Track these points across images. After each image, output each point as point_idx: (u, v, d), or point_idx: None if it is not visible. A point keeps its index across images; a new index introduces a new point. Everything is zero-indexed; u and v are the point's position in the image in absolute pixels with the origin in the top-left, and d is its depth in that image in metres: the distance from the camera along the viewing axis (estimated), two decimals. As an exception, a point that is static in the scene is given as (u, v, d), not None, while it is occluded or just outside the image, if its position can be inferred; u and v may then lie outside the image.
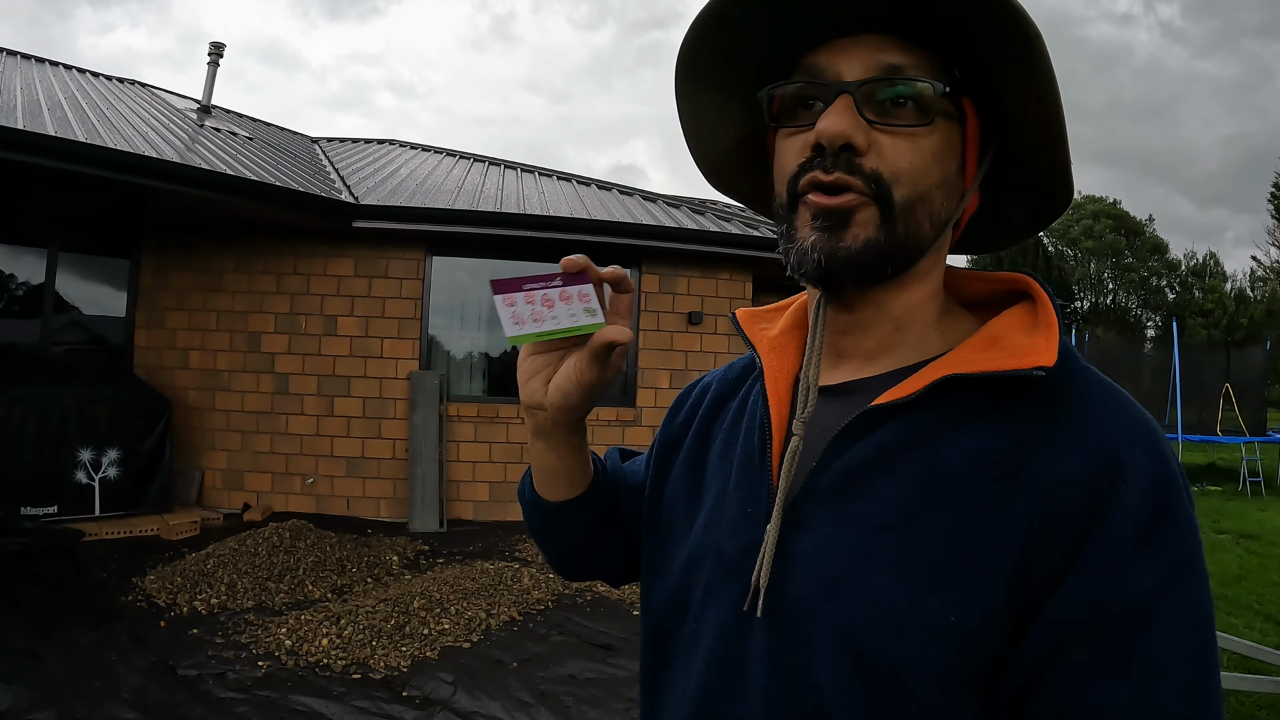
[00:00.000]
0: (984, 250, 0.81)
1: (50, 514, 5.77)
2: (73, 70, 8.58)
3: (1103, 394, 0.62)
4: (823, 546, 0.64)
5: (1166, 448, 0.60)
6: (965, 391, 0.63)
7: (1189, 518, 0.58)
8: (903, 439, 0.64)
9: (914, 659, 0.58)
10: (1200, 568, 0.57)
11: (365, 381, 7.45)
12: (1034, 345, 0.63)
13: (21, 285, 6.99)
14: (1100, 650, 0.55)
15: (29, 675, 3.69)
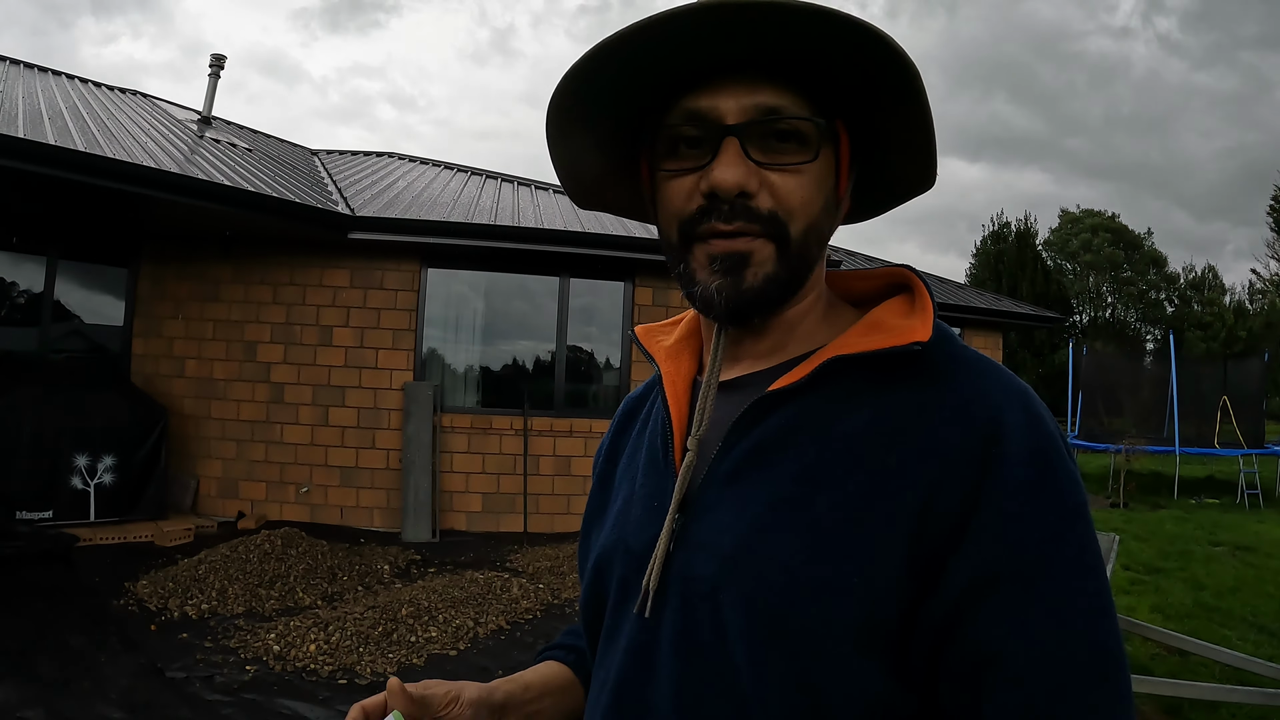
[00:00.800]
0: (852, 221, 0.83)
1: (45, 519, 5.83)
2: (75, 80, 8.69)
3: (977, 365, 0.68)
4: (726, 525, 0.68)
5: (1041, 409, 0.65)
6: (852, 372, 0.68)
7: (1070, 470, 0.63)
8: (797, 420, 0.68)
9: (821, 621, 0.62)
10: (1085, 514, 0.62)
11: (360, 392, 7.51)
12: (910, 326, 0.68)
13: (21, 292, 7.07)
14: (1004, 598, 0.59)
15: (20, 675, 3.74)
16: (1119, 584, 6.25)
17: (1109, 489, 11.53)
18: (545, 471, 7.62)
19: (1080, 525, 0.62)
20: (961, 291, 12.47)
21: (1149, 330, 37.08)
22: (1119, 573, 6.53)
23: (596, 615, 0.80)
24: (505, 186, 9.81)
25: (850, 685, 0.61)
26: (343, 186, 8.44)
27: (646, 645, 0.70)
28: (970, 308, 11.22)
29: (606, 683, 0.74)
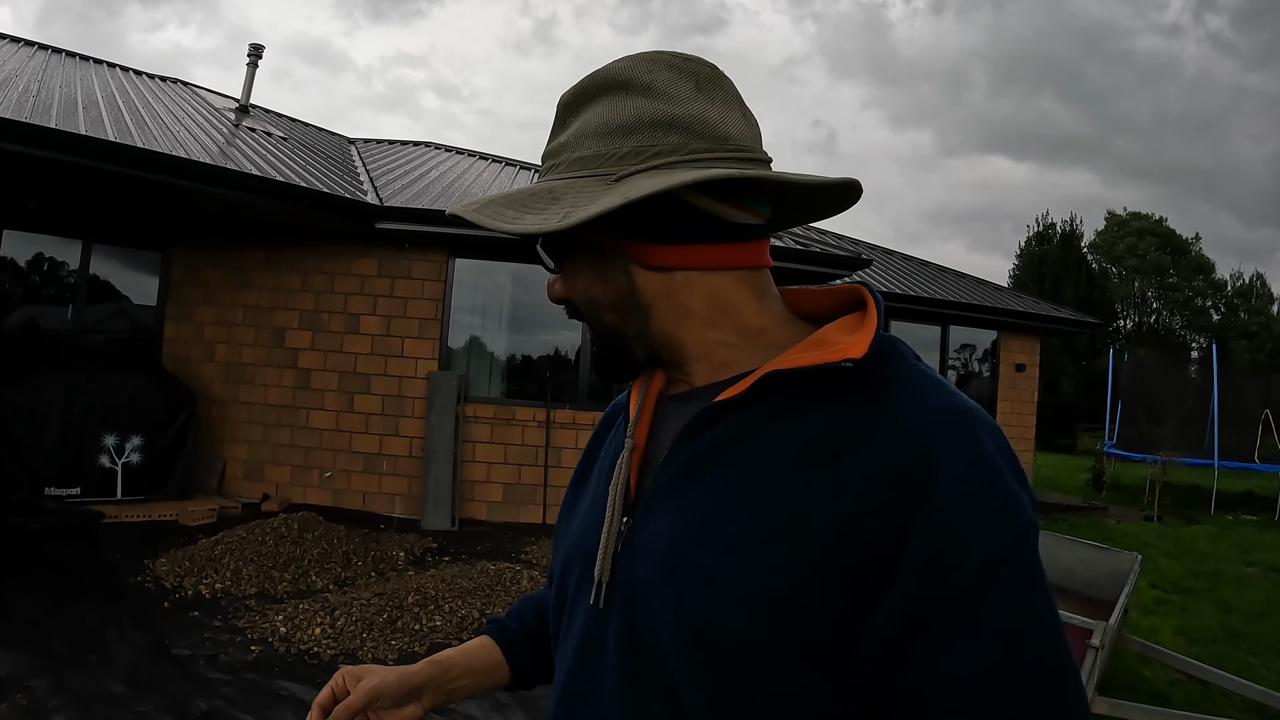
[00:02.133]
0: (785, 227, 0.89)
1: (73, 495, 6.01)
2: (116, 69, 8.91)
3: (919, 384, 0.68)
4: (664, 532, 0.71)
5: (979, 429, 0.65)
6: (792, 387, 0.69)
7: (1008, 490, 0.63)
8: (737, 431, 0.70)
9: (745, 631, 0.64)
10: (1027, 536, 0.63)
11: (385, 380, 7.61)
12: (849, 343, 0.69)
13: (56, 274, 7.31)
14: (944, 626, 0.60)
15: (31, 646, 3.86)
16: (1144, 603, 6.08)
17: (1144, 501, 11.23)
18: (567, 464, 7.64)
19: (1023, 547, 0.62)
20: (999, 294, 12.20)
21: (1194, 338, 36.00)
22: (1144, 591, 6.34)
23: (560, 609, 0.84)
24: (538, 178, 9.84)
25: (780, 695, 0.63)
26: (375, 176, 8.54)
27: (595, 643, 0.75)
28: (1007, 310, 10.99)
29: (559, 678, 0.80)
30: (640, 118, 0.72)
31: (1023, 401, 11.43)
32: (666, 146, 0.71)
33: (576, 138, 0.74)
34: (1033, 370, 11.58)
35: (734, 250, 0.75)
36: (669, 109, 0.71)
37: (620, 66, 0.74)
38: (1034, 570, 0.62)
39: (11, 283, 7.15)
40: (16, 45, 8.61)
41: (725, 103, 0.74)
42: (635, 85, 0.73)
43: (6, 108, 5.45)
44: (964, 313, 10.68)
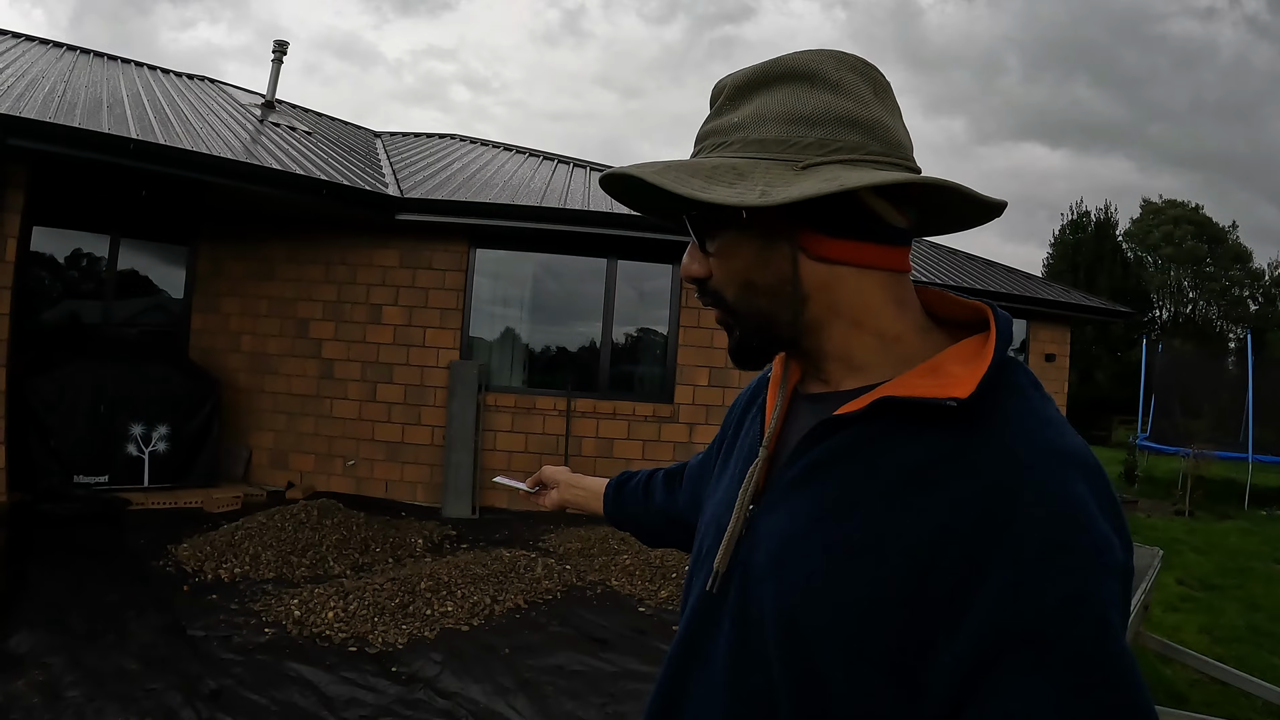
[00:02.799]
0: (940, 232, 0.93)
1: (101, 483, 6.18)
2: (144, 68, 9.10)
3: (1020, 420, 0.70)
4: (778, 527, 0.77)
5: (1073, 471, 0.67)
6: (902, 410, 0.72)
7: (1095, 534, 0.64)
8: (848, 445, 0.74)
9: (824, 628, 0.69)
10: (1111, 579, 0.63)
11: (407, 369, 7.70)
12: (960, 376, 0.71)
13: (85, 268, 7.51)
14: (1015, 663, 0.60)
15: (52, 626, 4.00)
16: (1169, 600, 5.95)
17: (1175, 495, 10.98)
18: (588, 453, 7.69)
19: (1103, 591, 0.62)
20: (1029, 282, 11.97)
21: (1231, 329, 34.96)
22: (1170, 587, 6.21)
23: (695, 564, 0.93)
24: (561, 168, 9.88)
25: (849, 692, 0.68)
26: (398, 168, 8.64)
27: (714, 608, 0.83)
28: (1037, 299, 10.79)
29: (681, 628, 0.88)
30: (828, 111, 0.74)
31: (1053, 392, 11.10)
32: (849, 144, 0.74)
33: (755, 120, 0.76)
34: (1063, 360, 11.36)
35: (888, 252, 0.79)
36: (854, 108, 0.75)
37: (806, 59, 0.77)
38: (1112, 614, 0.62)
39: (41, 277, 7.35)
40: (45, 47, 8.83)
41: (894, 112, 0.79)
42: (822, 80, 0.76)
43: (32, 108, 5.61)
44: (994, 301, 10.46)
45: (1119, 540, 0.66)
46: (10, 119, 5.20)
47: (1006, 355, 0.74)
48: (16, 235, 5.70)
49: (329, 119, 10.56)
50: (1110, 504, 0.67)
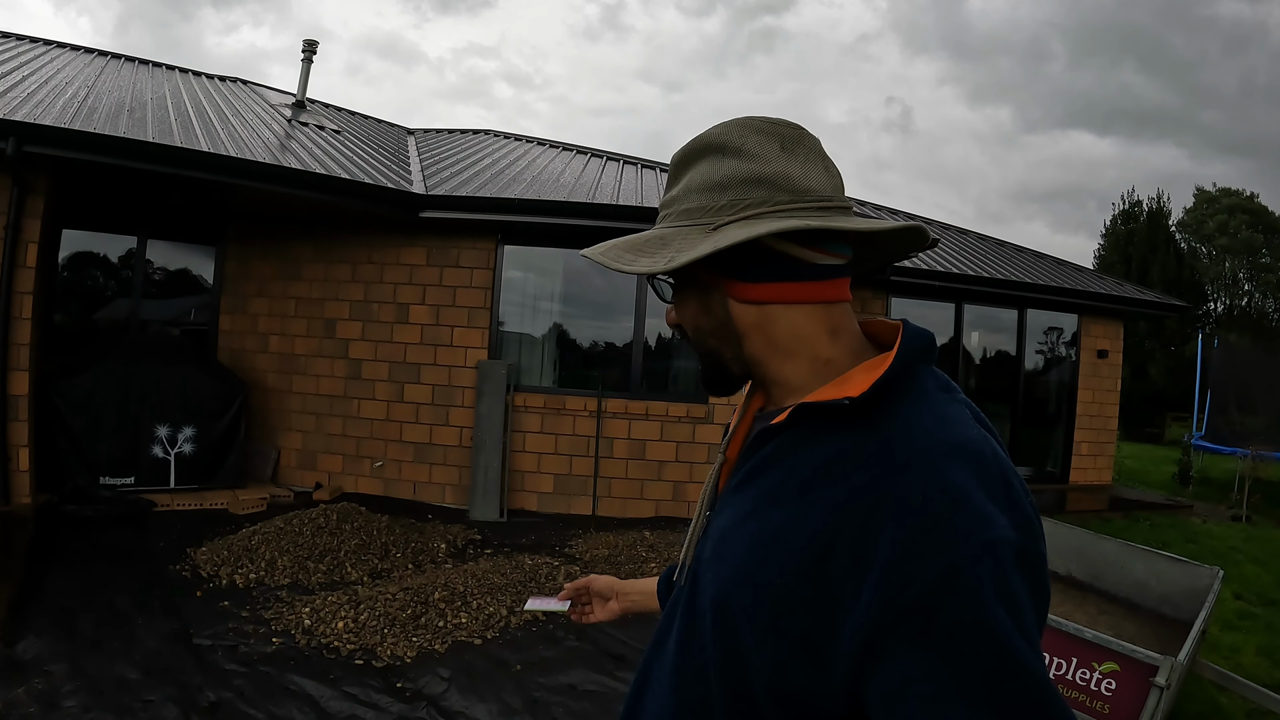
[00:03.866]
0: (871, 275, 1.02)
1: (127, 484, 6.22)
2: (175, 71, 9.19)
3: (911, 419, 0.78)
4: (721, 525, 0.89)
5: (957, 460, 0.73)
6: (817, 417, 0.82)
7: (974, 512, 0.70)
8: (776, 451, 0.85)
9: (746, 609, 0.79)
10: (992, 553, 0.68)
11: (435, 369, 7.63)
12: (859, 381, 0.81)
13: (112, 270, 7.59)
14: (905, 631, 0.67)
15: (59, 630, 3.99)
16: (1226, 616, 5.58)
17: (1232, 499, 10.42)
18: (619, 454, 7.54)
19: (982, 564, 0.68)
20: (1080, 275, 11.48)
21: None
22: (1228, 602, 5.83)
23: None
24: (594, 163, 9.74)
25: (766, 666, 0.77)
26: (426, 165, 8.57)
27: (675, 603, 0.96)
28: (1088, 292, 10.34)
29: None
30: (734, 176, 0.87)
31: (1105, 390, 10.78)
32: (755, 199, 0.86)
33: (684, 192, 0.91)
34: (1115, 356, 10.90)
35: (814, 287, 0.88)
36: (757, 168, 0.86)
37: (719, 132, 0.90)
38: (992, 585, 0.67)
39: (69, 279, 7.44)
40: (77, 53, 8.96)
41: (807, 159, 0.88)
42: (729, 148, 0.89)
43: (50, 114, 5.66)
44: (1042, 295, 10.11)
45: (1008, 520, 0.71)
46: (25, 125, 5.26)
47: (918, 363, 0.84)
48: (37, 240, 5.75)
49: (361, 117, 10.56)
50: (1000, 487, 0.73)
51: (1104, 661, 2.91)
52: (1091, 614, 3.97)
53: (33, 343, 5.79)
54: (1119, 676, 2.87)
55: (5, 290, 5.62)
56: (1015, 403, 10.54)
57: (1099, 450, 10.82)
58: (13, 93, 6.16)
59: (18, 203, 5.63)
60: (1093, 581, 4.35)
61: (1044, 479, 10.60)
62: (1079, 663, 2.97)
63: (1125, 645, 2.90)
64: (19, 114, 5.47)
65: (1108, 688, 2.89)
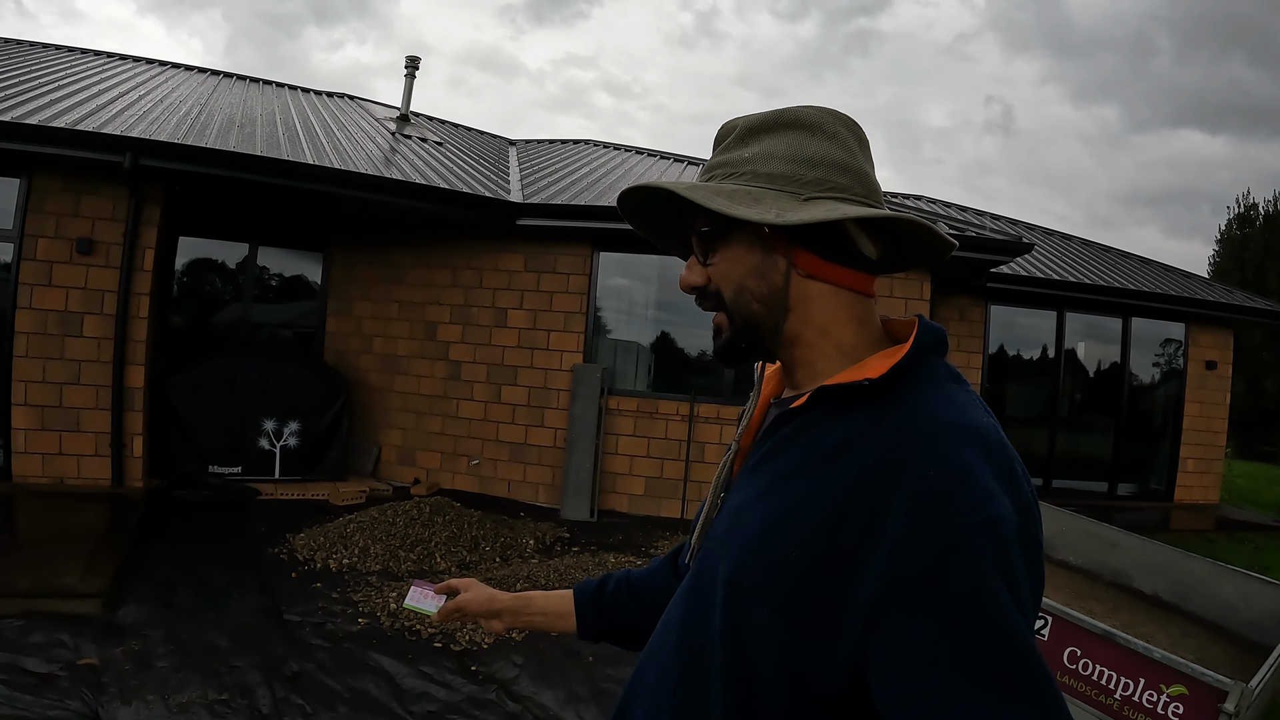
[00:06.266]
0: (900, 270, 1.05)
1: (234, 474, 6.54)
2: (284, 88, 9.72)
3: (927, 402, 0.81)
4: (736, 503, 0.90)
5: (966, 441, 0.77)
6: (834, 399, 0.85)
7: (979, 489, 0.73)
8: (794, 432, 0.88)
9: (756, 585, 0.80)
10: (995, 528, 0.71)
11: (531, 371, 7.74)
12: (877, 366, 0.84)
13: (225, 275, 8.06)
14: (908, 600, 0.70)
15: (158, 600, 4.20)
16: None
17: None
18: (710, 459, 7.46)
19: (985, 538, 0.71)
20: (1187, 282, 10.66)
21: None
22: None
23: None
24: (690, 170, 9.74)
25: (771, 639, 0.78)
26: (525, 174, 8.75)
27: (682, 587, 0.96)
28: (1195, 300, 9.62)
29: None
30: (825, 157, 0.89)
31: (1213, 403, 10.04)
32: (839, 184, 0.89)
33: (764, 156, 0.91)
34: (1225, 368, 10.12)
35: (858, 277, 0.92)
36: (845, 157, 0.90)
37: (811, 113, 0.92)
38: (993, 561, 0.70)
39: (185, 283, 7.95)
40: (191, 73, 9.62)
41: (871, 163, 0.94)
42: (822, 130, 0.91)
43: (164, 130, 6.08)
44: (1146, 302, 9.47)
45: (1011, 501, 0.74)
46: (141, 141, 5.68)
47: (931, 354, 0.86)
48: (154, 247, 6.19)
49: (464, 129, 10.90)
50: (1005, 469, 0.76)
51: (1172, 684, 2.68)
52: (1175, 636, 3.65)
53: (148, 340, 6.21)
54: (1187, 701, 2.65)
55: (124, 291, 6.05)
56: (1119, 415, 9.91)
57: (1205, 467, 10.10)
58: (129, 111, 6.67)
59: (135, 212, 6.09)
60: (1179, 602, 4.01)
61: (1147, 496, 9.95)
62: (1146, 684, 2.76)
63: (1193, 667, 2.66)
64: (135, 130, 5.91)
65: (1175, 712, 2.67)
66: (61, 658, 3.54)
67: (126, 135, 5.76)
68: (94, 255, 6.04)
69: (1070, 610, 3.03)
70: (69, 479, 6.01)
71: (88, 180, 6.03)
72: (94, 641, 3.69)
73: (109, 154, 5.70)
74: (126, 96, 7.26)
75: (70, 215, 6.04)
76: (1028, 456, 9.63)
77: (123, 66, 9.08)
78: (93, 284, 6.06)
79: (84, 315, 6.05)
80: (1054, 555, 4.22)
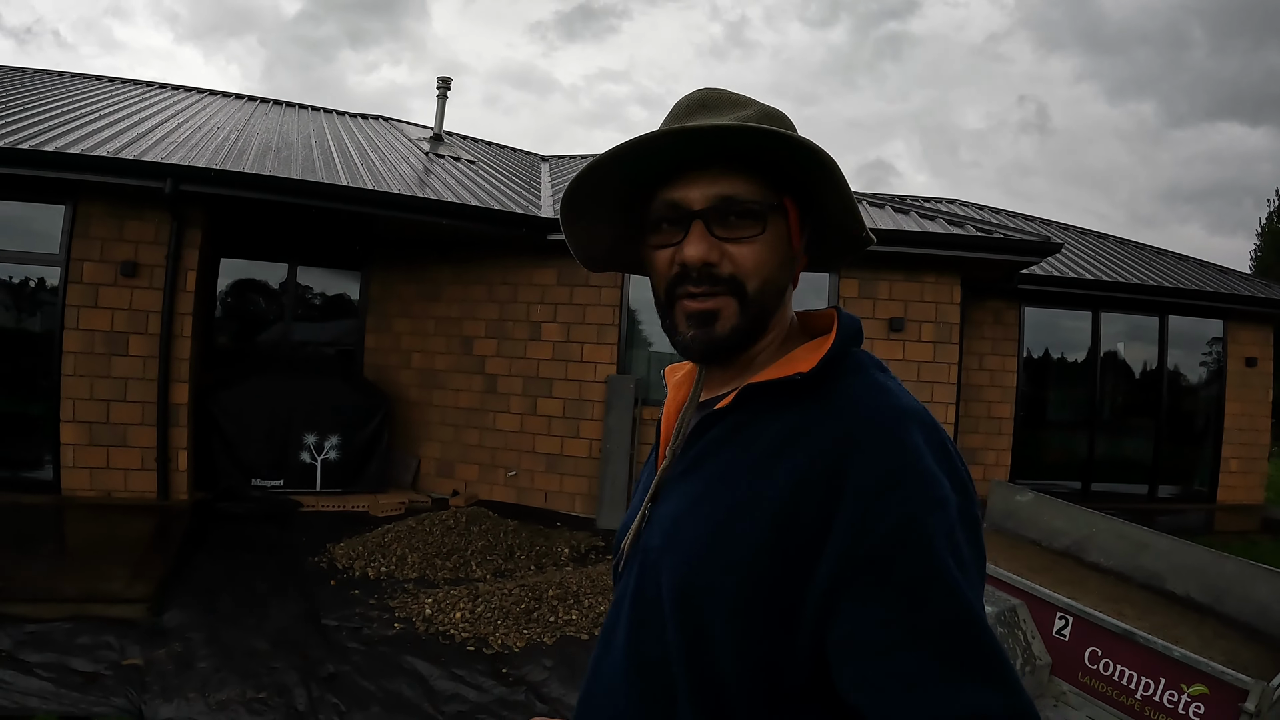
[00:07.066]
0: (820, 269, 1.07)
1: (277, 486, 6.70)
2: (319, 111, 10.00)
3: (861, 391, 0.82)
4: (669, 511, 0.89)
5: (906, 423, 0.78)
6: (764, 396, 0.85)
7: (925, 472, 0.75)
8: (725, 432, 0.87)
9: (712, 589, 0.79)
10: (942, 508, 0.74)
11: (566, 384, 7.81)
12: (805, 359, 0.85)
13: (266, 294, 8.29)
14: (861, 589, 0.71)
15: (201, 605, 4.33)
16: None
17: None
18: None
19: (933, 518, 0.73)
20: (1225, 277, 10.36)
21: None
22: None
23: (615, 575, 1.03)
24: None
25: (736, 642, 0.77)
26: (557, 190, 8.87)
27: (620, 597, 0.93)
28: (1233, 295, 9.38)
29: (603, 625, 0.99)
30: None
31: (1254, 401, 9.75)
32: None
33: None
34: (1266, 364, 9.82)
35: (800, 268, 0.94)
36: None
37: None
38: (943, 538, 0.72)
39: (228, 302, 8.20)
40: (228, 99, 9.96)
41: None
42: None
43: (203, 157, 6.31)
44: (1183, 300, 9.26)
45: (950, 482, 0.76)
46: (180, 168, 5.92)
47: (853, 344, 0.87)
48: (196, 268, 6.42)
49: (497, 147, 11.08)
50: (942, 452, 0.78)
51: (1193, 683, 2.62)
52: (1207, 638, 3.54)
53: (192, 358, 6.41)
54: (1208, 700, 2.59)
55: (168, 311, 6.27)
56: (1158, 416, 9.66)
57: (1250, 467, 9.80)
58: (169, 138, 6.94)
59: (177, 235, 6.31)
60: (1213, 604, 3.89)
61: (1190, 499, 9.68)
62: (1167, 683, 2.71)
63: (1214, 665, 2.60)
64: (175, 157, 6.15)
65: (1196, 711, 2.62)
66: (107, 658, 3.67)
67: (166, 162, 5.99)
68: (138, 277, 6.27)
69: (1090, 610, 2.99)
70: (116, 492, 6.21)
71: (130, 206, 6.26)
72: (138, 643, 3.82)
73: (150, 180, 5.92)
74: (166, 124, 7.54)
75: (114, 240, 6.27)
76: (1067, 460, 9.55)
77: (161, 95, 9.43)
78: (137, 305, 6.29)
79: (129, 335, 6.27)
80: (1085, 558, 4.14)
